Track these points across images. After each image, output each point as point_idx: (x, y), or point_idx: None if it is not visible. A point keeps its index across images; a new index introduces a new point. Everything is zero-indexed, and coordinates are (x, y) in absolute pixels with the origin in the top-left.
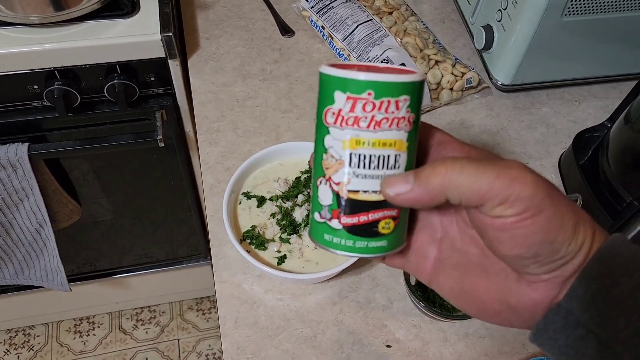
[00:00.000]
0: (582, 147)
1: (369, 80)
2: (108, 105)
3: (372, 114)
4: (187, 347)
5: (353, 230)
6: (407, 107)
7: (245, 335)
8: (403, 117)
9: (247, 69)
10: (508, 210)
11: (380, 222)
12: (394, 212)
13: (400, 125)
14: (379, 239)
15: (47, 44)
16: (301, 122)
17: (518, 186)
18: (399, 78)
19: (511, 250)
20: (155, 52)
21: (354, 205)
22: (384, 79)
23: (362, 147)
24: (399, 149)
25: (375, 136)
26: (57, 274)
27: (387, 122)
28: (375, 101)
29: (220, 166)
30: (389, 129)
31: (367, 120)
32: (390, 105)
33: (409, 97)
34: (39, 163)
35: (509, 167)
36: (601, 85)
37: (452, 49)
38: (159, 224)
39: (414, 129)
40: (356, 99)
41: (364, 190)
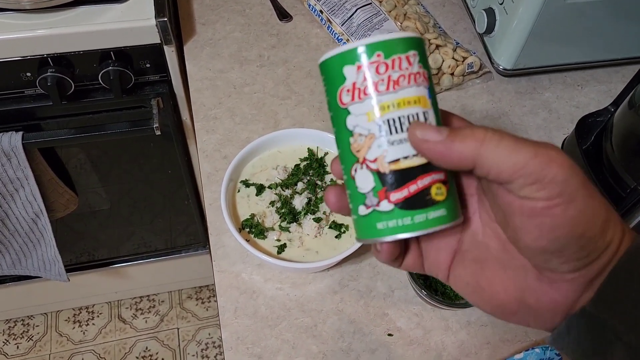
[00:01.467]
0: (585, 132)
1: (375, 42)
2: (103, 92)
3: (387, 74)
4: (187, 335)
5: (407, 205)
6: (418, 62)
7: (245, 325)
8: (418, 72)
9: (244, 54)
10: (540, 192)
11: (432, 187)
12: (442, 175)
13: (418, 80)
14: (437, 207)
15: (39, 30)
16: (300, 108)
17: (555, 168)
18: (402, 34)
19: (536, 241)
20: (150, 38)
21: (399, 176)
22: (389, 37)
23: (389, 111)
24: (424, 105)
25: (397, 96)
26: (55, 264)
27: (405, 79)
28: (387, 60)
29: (218, 154)
30: (408, 85)
31: (385, 82)
32: (402, 61)
33: (417, 52)
34: (33, 152)
35: (548, 148)
36: (604, 69)
37: (452, 33)
38: (156, 213)
39: (431, 85)
40: (368, 65)
41: (404, 156)
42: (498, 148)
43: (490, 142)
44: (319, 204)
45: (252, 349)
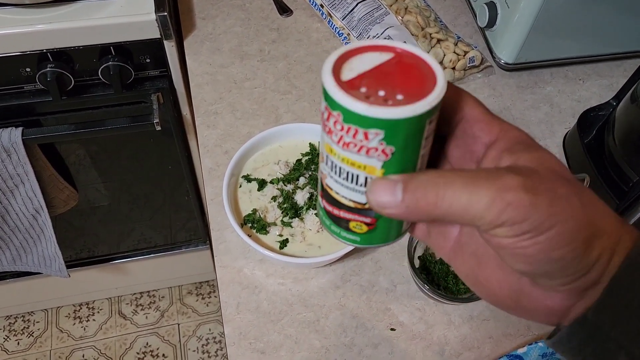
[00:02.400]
0: (587, 126)
1: (339, 104)
2: (103, 88)
3: (340, 133)
4: (188, 331)
5: (329, 216)
6: (379, 140)
7: (248, 320)
8: (375, 147)
9: (245, 49)
10: (503, 233)
11: (350, 222)
12: (369, 219)
13: (370, 153)
14: (352, 234)
15: (38, 25)
16: (301, 103)
17: (513, 212)
18: (366, 111)
19: (516, 265)
20: (150, 33)
21: (330, 199)
22: (350, 107)
23: (333, 157)
24: (370, 172)
25: (343, 153)
26: (55, 260)
27: (355, 147)
28: (344, 124)
29: (219, 149)
30: (358, 153)
31: (337, 137)
32: (358, 133)
33: (383, 131)
34: (33, 148)
35: (505, 190)
36: (605, 63)
37: (454, 27)
38: (157, 209)
39: (394, 160)
40: (330, 113)
41: (336, 191)
42: (451, 208)
43: (442, 203)
44: None
45: (255, 344)
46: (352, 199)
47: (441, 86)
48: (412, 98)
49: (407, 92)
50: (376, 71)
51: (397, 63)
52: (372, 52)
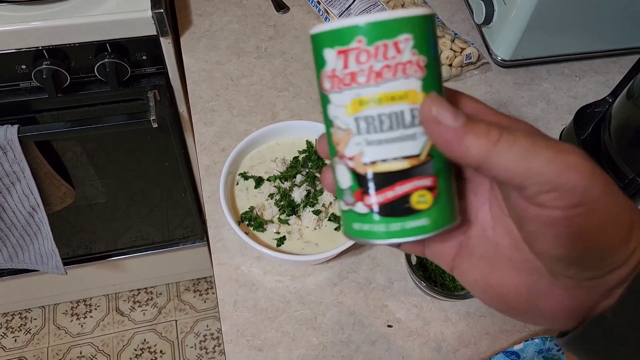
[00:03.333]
0: (583, 122)
1: (355, 25)
2: (99, 85)
3: (368, 64)
4: (185, 327)
5: (382, 211)
6: (411, 48)
7: (245, 317)
8: (409, 61)
9: (242, 46)
10: (557, 201)
11: (412, 195)
12: (429, 180)
13: (407, 71)
14: (417, 217)
15: (33, 22)
16: (297, 100)
17: (574, 175)
18: (393, 14)
19: (553, 249)
20: (146, 30)
21: (376, 180)
22: (373, 19)
23: (368, 107)
24: (413, 101)
25: (379, 90)
26: (52, 258)
27: (390, 70)
28: (369, 48)
29: (216, 147)
30: (394, 78)
31: (366, 73)
32: (389, 48)
33: (411, 35)
34: (29, 145)
35: (567, 152)
36: (602, 59)
37: (450, 23)
38: (153, 206)
39: (429, 75)
40: (347, 51)
41: (382, 159)
42: (509, 152)
43: (503, 144)
44: (318, 197)
45: (252, 342)
46: (405, 154)
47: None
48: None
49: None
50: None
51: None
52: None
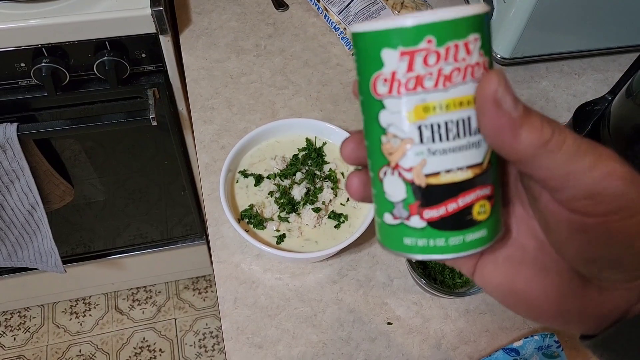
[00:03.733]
0: (583, 120)
1: (426, 24)
2: (98, 83)
3: (438, 67)
4: (184, 326)
5: (442, 225)
6: (479, 48)
7: (245, 315)
8: (477, 62)
9: (241, 44)
10: (594, 208)
11: (474, 206)
12: (488, 189)
13: (476, 74)
14: (477, 229)
15: (32, 20)
16: (297, 98)
17: (614, 181)
18: (464, 12)
19: (586, 253)
20: (145, 28)
21: (438, 192)
22: (446, 17)
23: (434, 114)
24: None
25: (447, 95)
26: (51, 256)
27: (460, 74)
28: (439, 49)
29: (216, 144)
30: (463, 81)
31: (434, 77)
32: (459, 50)
33: (480, 35)
34: (28, 143)
35: (608, 158)
36: (601, 57)
37: None
38: (153, 204)
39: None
40: (414, 53)
41: (446, 169)
42: (557, 153)
43: (553, 143)
44: (318, 194)
45: (252, 339)
46: (470, 163)
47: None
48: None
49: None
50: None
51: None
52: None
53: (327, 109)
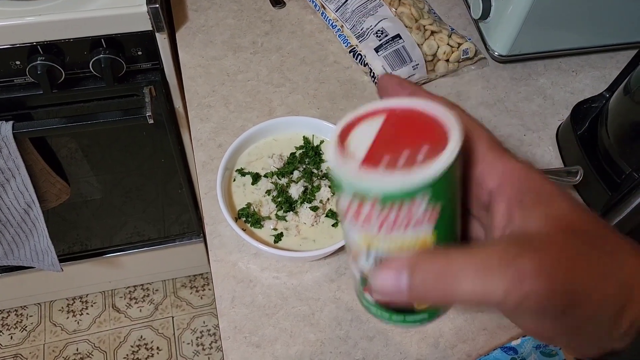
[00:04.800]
0: (580, 118)
1: (371, 188)
2: (94, 81)
3: (381, 218)
4: (182, 324)
5: (386, 306)
6: (427, 202)
7: (243, 314)
8: (423, 212)
9: (238, 41)
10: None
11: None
12: None
13: (421, 223)
14: (416, 314)
15: (27, 17)
16: (294, 96)
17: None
18: (408, 181)
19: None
20: (141, 25)
21: None
22: (388, 185)
23: (376, 249)
24: (423, 245)
25: (389, 239)
26: (48, 254)
27: (403, 224)
28: (383, 206)
29: (212, 142)
30: (405, 229)
31: (377, 224)
32: (403, 208)
33: (429, 192)
34: (24, 142)
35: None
36: (598, 55)
37: (447, 18)
38: (149, 202)
39: (444, 216)
40: (360, 202)
41: None
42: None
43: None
44: (316, 193)
45: (250, 338)
46: None
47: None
48: (436, 145)
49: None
50: (382, 138)
51: (393, 123)
52: (365, 121)
53: (324, 107)
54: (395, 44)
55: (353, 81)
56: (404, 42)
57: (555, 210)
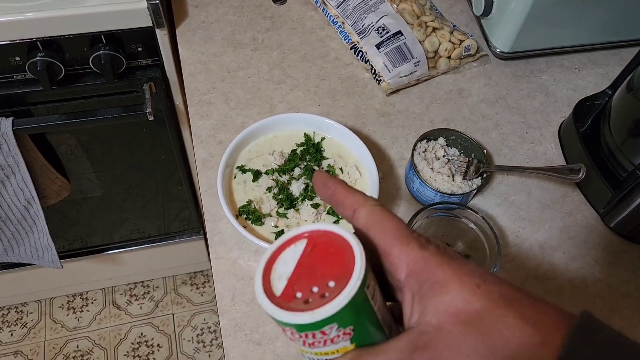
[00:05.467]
0: (583, 115)
1: (284, 322)
2: (94, 77)
3: (301, 340)
4: (182, 321)
5: None
6: (336, 329)
7: (243, 311)
8: (336, 335)
9: (238, 38)
10: None
11: None
12: None
13: (335, 340)
14: None
15: (27, 13)
16: (295, 93)
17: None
18: (316, 317)
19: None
20: (141, 21)
21: None
22: (297, 321)
23: (308, 354)
24: (343, 351)
25: (314, 350)
26: (48, 251)
27: (320, 343)
28: (300, 333)
29: (213, 139)
30: (325, 346)
31: (300, 342)
32: (316, 334)
33: (335, 323)
34: (24, 138)
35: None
36: (601, 52)
37: (449, 15)
38: (149, 199)
39: (358, 332)
40: (283, 328)
41: None
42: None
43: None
44: None
45: (251, 336)
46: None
47: (360, 254)
48: (342, 280)
49: (336, 276)
50: (301, 268)
51: (313, 248)
52: (288, 247)
53: (325, 104)
54: (397, 40)
55: (354, 78)
56: (405, 38)
57: (444, 301)
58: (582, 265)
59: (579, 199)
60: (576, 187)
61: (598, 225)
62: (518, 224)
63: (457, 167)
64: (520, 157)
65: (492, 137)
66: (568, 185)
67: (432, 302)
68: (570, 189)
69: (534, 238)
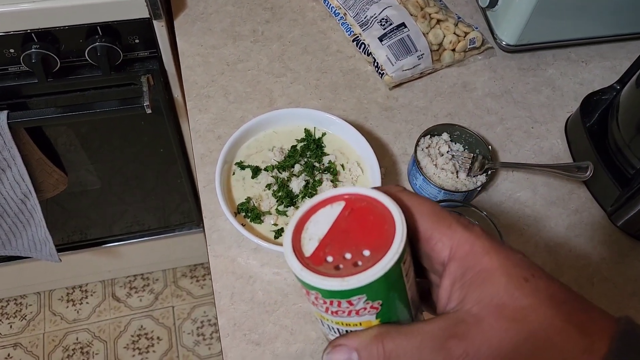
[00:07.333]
0: (590, 110)
1: (311, 285)
2: (90, 69)
3: (325, 306)
4: (182, 314)
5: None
6: (364, 301)
7: (242, 311)
8: (363, 307)
9: (237, 29)
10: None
11: None
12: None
13: (360, 313)
14: None
15: (22, 4)
16: (295, 86)
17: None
18: (344, 285)
19: None
20: (138, 12)
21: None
22: (324, 286)
23: (327, 322)
24: (367, 325)
25: (335, 319)
26: (46, 245)
27: (344, 313)
28: (325, 299)
29: (211, 134)
30: (349, 316)
31: (323, 308)
32: (342, 303)
33: (365, 295)
34: (19, 132)
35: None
36: (609, 44)
37: (454, 7)
38: (149, 191)
39: (385, 309)
40: (307, 291)
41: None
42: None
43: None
44: (317, 187)
45: (250, 335)
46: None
47: (401, 226)
48: (379, 250)
49: (372, 245)
50: (335, 231)
51: (350, 212)
52: (323, 208)
53: (326, 97)
54: (400, 32)
55: (356, 71)
56: (409, 30)
57: (488, 292)
58: (588, 263)
59: (585, 196)
60: (583, 184)
61: (605, 223)
62: (523, 221)
63: (461, 163)
64: (525, 152)
65: (497, 132)
66: (574, 182)
67: (475, 291)
68: (576, 186)
69: (539, 236)
